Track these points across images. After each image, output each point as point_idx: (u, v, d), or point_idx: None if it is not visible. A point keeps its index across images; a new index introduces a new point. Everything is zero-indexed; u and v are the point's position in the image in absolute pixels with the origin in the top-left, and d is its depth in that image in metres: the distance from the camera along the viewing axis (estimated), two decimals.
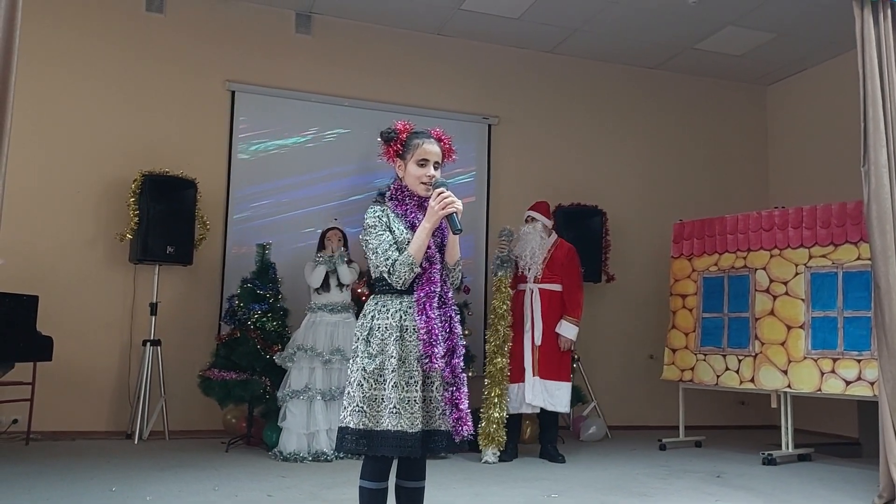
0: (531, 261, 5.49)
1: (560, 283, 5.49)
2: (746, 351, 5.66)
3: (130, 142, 6.05)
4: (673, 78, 7.78)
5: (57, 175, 5.90)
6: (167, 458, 4.93)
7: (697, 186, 7.62)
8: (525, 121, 7.22)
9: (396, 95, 6.77)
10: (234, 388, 5.22)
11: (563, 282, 5.51)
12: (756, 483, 4.61)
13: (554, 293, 5.48)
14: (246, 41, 6.48)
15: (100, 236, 5.94)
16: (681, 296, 6.26)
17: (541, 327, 5.39)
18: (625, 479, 4.64)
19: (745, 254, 5.85)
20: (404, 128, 2.66)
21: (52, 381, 5.49)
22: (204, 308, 6.10)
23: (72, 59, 6.03)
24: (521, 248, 5.53)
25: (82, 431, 5.68)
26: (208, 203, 6.11)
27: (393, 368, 2.43)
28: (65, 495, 3.81)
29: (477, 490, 4.23)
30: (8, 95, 2.74)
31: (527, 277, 5.49)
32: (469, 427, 2.46)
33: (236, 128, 6.40)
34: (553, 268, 5.49)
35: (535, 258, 5.49)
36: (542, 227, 5.62)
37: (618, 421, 6.85)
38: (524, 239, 5.55)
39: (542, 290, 5.46)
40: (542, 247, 5.53)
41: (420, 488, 2.63)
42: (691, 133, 7.78)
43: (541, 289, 5.46)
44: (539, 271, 5.47)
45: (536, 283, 5.47)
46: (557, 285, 5.49)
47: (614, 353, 7.10)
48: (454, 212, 2.49)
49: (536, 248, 5.51)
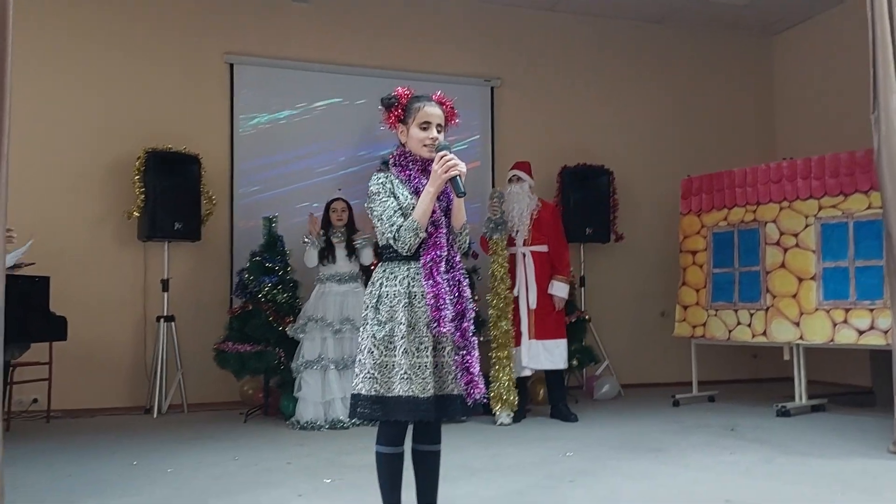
0: (519, 222, 5.42)
1: (546, 243, 5.46)
2: (758, 305, 5.65)
3: (132, 119, 6.02)
4: (677, 32, 7.65)
5: (61, 156, 5.89)
6: (186, 431, 5.00)
7: (705, 141, 7.55)
8: (528, 82, 7.14)
9: (397, 61, 6.70)
10: (249, 360, 5.26)
11: (550, 242, 5.48)
12: (770, 435, 4.63)
13: (542, 254, 5.46)
14: (243, 13, 6.41)
15: (108, 215, 5.96)
16: (691, 252, 6.24)
17: (535, 290, 5.38)
18: (639, 436, 4.67)
19: (754, 207, 5.80)
20: (404, 93, 2.63)
21: (69, 360, 5.55)
22: (215, 282, 6.13)
23: (70, 40, 5.98)
24: (508, 210, 5.41)
25: (101, 408, 5.77)
26: (213, 178, 6.10)
27: (402, 335, 2.44)
28: (87, 471, 3.87)
29: (493, 451, 4.27)
30: (6, 79, 2.70)
31: (514, 241, 5.43)
32: (481, 390, 2.48)
33: (237, 101, 6.36)
34: (540, 228, 5.45)
35: (523, 219, 5.42)
36: (529, 187, 5.57)
37: (631, 379, 6.88)
38: (511, 200, 5.45)
39: (534, 253, 5.44)
40: (530, 208, 5.48)
41: (436, 451, 2.66)
42: (697, 87, 7.67)
43: (532, 251, 5.44)
44: (528, 233, 5.43)
45: (526, 245, 5.43)
46: (544, 246, 5.46)
47: (625, 312, 7.11)
48: (457, 175, 2.47)
49: (525, 209, 5.45)
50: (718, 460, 3.95)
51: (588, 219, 6.73)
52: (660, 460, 3.96)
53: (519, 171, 5.58)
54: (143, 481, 3.62)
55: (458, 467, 3.82)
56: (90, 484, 3.59)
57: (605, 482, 3.51)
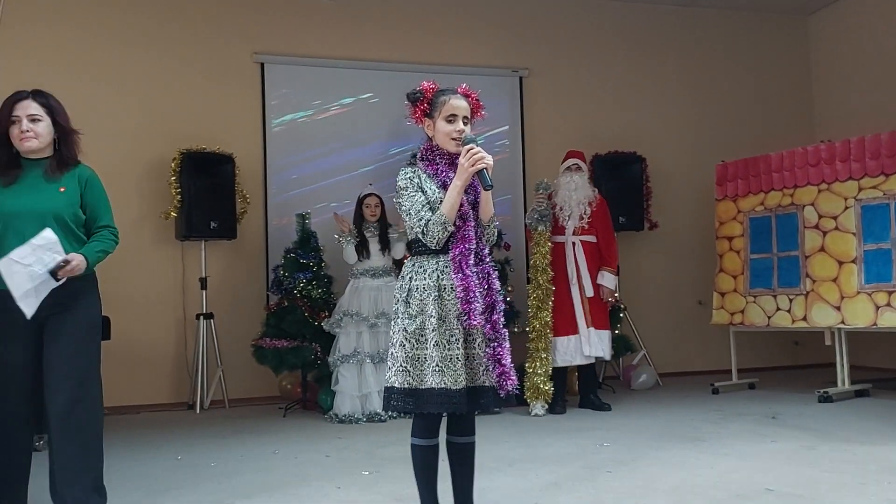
0: (576, 212, 5.37)
1: (595, 234, 5.42)
2: (797, 290, 5.55)
3: (167, 121, 6.12)
4: (708, 14, 7.52)
5: (99, 159, 5.90)
6: (228, 426, 5.10)
7: (740, 125, 7.41)
8: (557, 71, 7.09)
9: (424, 55, 6.70)
10: (287, 355, 5.34)
11: (599, 233, 5.44)
12: (812, 422, 4.56)
13: (592, 245, 5.43)
14: (271, 12, 6.47)
15: (146, 216, 6.07)
16: (727, 238, 6.15)
17: (589, 279, 5.35)
18: (677, 425, 4.64)
19: (791, 191, 5.70)
20: (430, 87, 2.64)
21: (113, 359, 5.63)
22: (251, 280, 6.23)
23: (104, 44, 6.09)
24: (565, 198, 5.39)
25: (146, 405, 5.90)
26: (247, 177, 6.19)
27: (433, 328, 2.46)
28: (134, 466, 3.98)
29: (529, 442, 4.28)
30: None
31: (564, 230, 5.41)
32: (513, 381, 2.48)
33: (268, 100, 6.43)
34: (592, 219, 5.41)
35: (582, 209, 5.38)
36: (588, 177, 5.53)
37: (669, 368, 6.82)
38: (570, 188, 5.39)
39: (584, 243, 5.40)
40: (588, 198, 5.42)
41: (471, 443, 2.68)
42: (730, 71, 7.54)
43: (582, 241, 5.40)
44: (583, 223, 5.39)
45: (577, 235, 5.40)
46: (593, 237, 5.43)
47: (661, 301, 7.04)
48: (484, 167, 2.48)
49: (584, 199, 5.40)
50: (759, 448, 3.91)
51: (621, 207, 6.64)
52: (699, 449, 3.93)
53: (578, 160, 5.53)
54: (187, 475, 3.71)
55: (494, 459, 3.84)
56: (137, 479, 3.69)
57: (642, 472, 3.49)
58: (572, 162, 5.54)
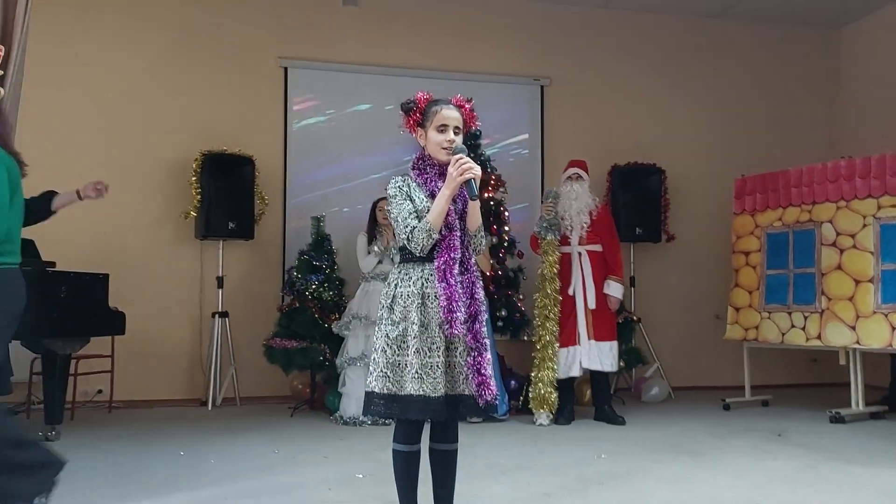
0: (577, 221, 5.36)
1: (599, 243, 5.40)
2: (813, 307, 5.47)
3: (191, 122, 6.26)
4: (735, 26, 7.45)
5: (123, 158, 6.17)
6: (236, 423, 5.19)
7: (763, 139, 7.32)
8: (578, 80, 7.08)
9: (446, 62, 6.75)
10: (296, 355, 5.41)
11: (604, 242, 5.42)
12: (819, 441, 4.49)
13: (597, 254, 5.39)
14: (296, 18, 6.57)
15: (167, 215, 6.21)
16: (744, 253, 6.08)
17: (593, 290, 5.32)
18: (681, 439, 4.60)
19: (809, 207, 5.61)
20: (423, 97, 2.68)
21: (130, 354, 5.83)
22: (267, 280, 6.32)
23: (131, 45, 6.26)
24: (566, 208, 5.36)
25: (160, 399, 6.03)
26: (266, 179, 6.29)
27: (415, 335, 2.49)
28: (138, 458, 4.08)
29: (527, 451, 4.29)
30: None
31: (569, 240, 5.39)
32: (492, 392, 2.50)
33: (290, 104, 6.54)
34: (595, 228, 5.39)
35: (582, 218, 5.36)
36: (589, 186, 5.52)
37: (682, 382, 6.76)
38: (571, 197, 5.37)
39: (589, 252, 5.38)
40: (589, 207, 5.41)
41: (453, 450, 2.70)
42: (756, 83, 7.45)
43: (588, 251, 5.38)
44: (584, 233, 5.38)
45: (582, 244, 5.38)
46: (598, 246, 5.40)
47: (677, 314, 6.98)
48: (472, 178, 2.50)
49: (584, 207, 5.38)
50: (758, 466, 3.86)
51: (638, 218, 6.64)
52: (697, 464, 3.90)
53: (579, 170, 5.51)
54: (186, 470, 3.79)
55: (490, 466, 3.86)
56: (138, 471, 3.78)
57: (634, 485, 3.48)
58: (573, 171, 5.52)
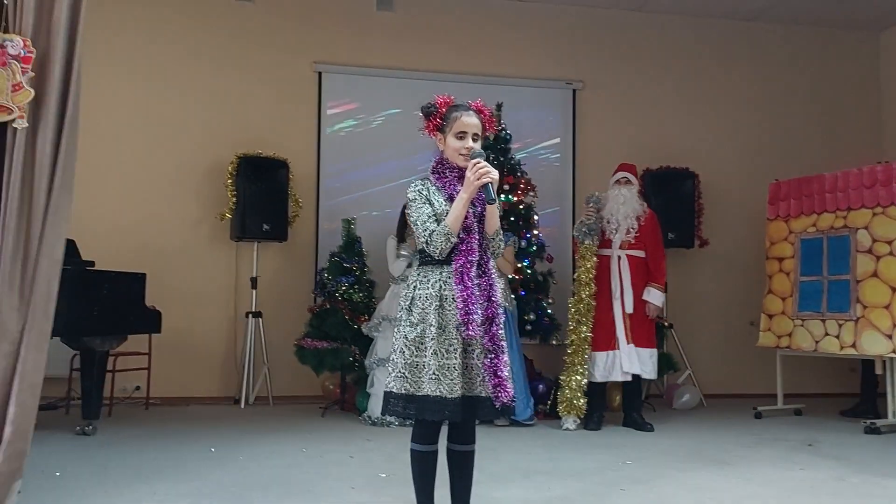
0: (623, 226, 5.31)
1: (643, 249, 5.37)
2: (847, 315, 5.36)
3: (227, 126, 6.41)
4: (771, 29, 7.35)
5: (161, 161, 6.35)
6: (267, 422, 5.29)
7: (800, 144, 7.21)
8: (610, 84, 7.06)
9: (479, 66, 6.80)
10: (326, 356, 5.50)
11: (648, 248, 5.38)
12: (851, 452, 4.41)
13: (639, 260, 5.36)
14: (330, 23, 6.69)
15: (203, 217, 6.36)
16: (777, 259, 5.99)
17: (631, 295, 5.29)
18: (708, 447, 4.55)
19: (845, 213, 5.52)
20: (444, 102, 2.72)
21: (167, 352, 5.98)
22: (299, 281, 6.43)
23: (171, 54, 6.43)
24: (612, 211, 5.32)
25: (195, 397, 6.17)
26: (300, 182, 6.41)
27: (433, 336, 2.53)
28: (171, 454, 4.18)
29: (553, 455, 4.29)
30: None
31: (611, 243, 5.36)
32: (508, 394, 2.53)
33: (324, 108, 6.64)
34: (641, 234, 5.34)
35: (629, 223, 5.32)
36: (638, 191, 5.48)
37: (715, 389, 6.68)
38: (619, 201, 5.32)
39: (630, 257, 5.36)
40: (637, 212, 5.36)
41: (470, 451, 2.72)
42: (793, 87, 7.34)
43: (628, 255, 5.36)
44: (631, 238, 5.34)
45: (623, 249, 5.35)
46: (641, 251, 5.37)
47: (709, 320, 6.90)
48: (489, 182, 2.54)
49: (631, 213, 5.34)
50: (785, 476, 3.81)
51: (671, 223, 6.55)
52: (722, 473, 3.86)
53: (629, 174, 5.47)
54: (215, 467, 3.88)
55: (513, 469, 3.88)
56: (170, 467, 3.88)
57: (656, 492, 3.46)
58: (622, 175, 5.47)
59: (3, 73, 2.86)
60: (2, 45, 2.85)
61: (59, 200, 2.89)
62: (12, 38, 2.86)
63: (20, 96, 2.91)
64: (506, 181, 5.83)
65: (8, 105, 2.86)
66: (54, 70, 2.92)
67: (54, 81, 2.92)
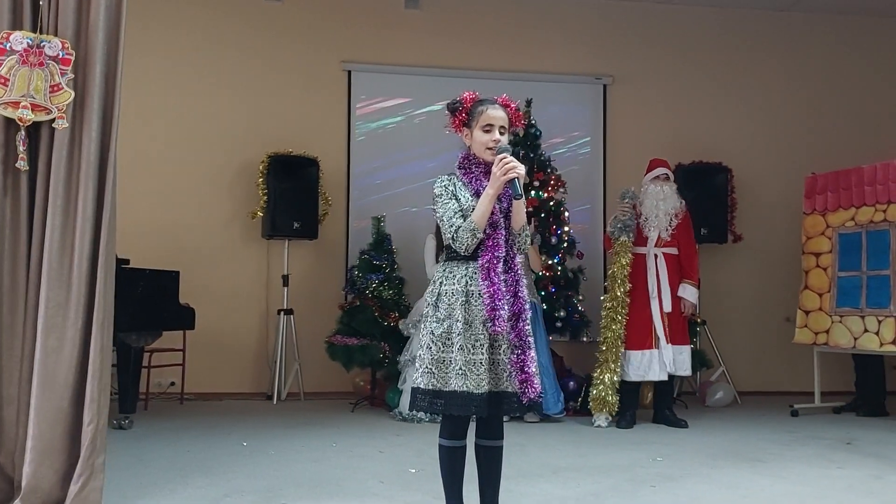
0: (660, 224, 5.21)
1: (676, 246, 5.30)
2: (887, 311, 5.24)
3: (257, 126, 6.48)
4: (806, 19, 7.20)
5: (196, 161, 6.44)
6: (298, 417, 5.34)
7: (837, 136, 7.05)
8: (641, 78, 6.99)
9: (507, 63, 6.78)
10: (356, 352, 5.54)
11: (681, 245, 5.31)
12: (891, 451, 4.31)
13: (673, 257, 5.29)
14: (358, 22, 6.72)
15: (236, 215, 6.45)
16: (814, 254, 5.87)
17: (669, 293, 5.21)
18: (742, 445, 4.49)
19: (884, 206, 5.38)
20: (469, 97, 2.72)
21: (201, 348, 6.07)
22: (330, 278, 6.48)
23: (201, 54, 6.52)
24: (652, 208, 5.23)
25: (229, 392, 6.26)
26: (330, 180, 6.45)
27: (459, 332, 2.53)
28: (203, 448, 4.25)
29: (582, 451, 4.27)
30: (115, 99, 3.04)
31: (646, 240, 5.28)
32: (535, 389, 2.51)
33: (353, 106, 6.68)
34: (675, 231, 5.27)
35: (668, 220, 5.22)
36: (677, 187, 5.41)
37: (750, 387, 6.58)
38: (657, 198, 5.23)
39: (666, 255, 5.27)
40: (675, 209, 5.27)
41: (498, 447, 2.71)
42: (828, 78, 7.18)
43: (664, 253, 5.28)
44: (665, 235, 5.26)
45: (659, 247, 5.26)
46: (675, 249, 5.30)
47: (744, 316, 6.79)
48: (515, 177, 2.52)
49: (671, 210, 5.24)
50: (822, 474, 3.74)
51: (704, 219, 6.46)
52: (756, 470, 3.80)
53: (668, 170, 5.41)
54: (247, 461, 3.93)
55: (542, 465, 3.87)
56: (203, 460, 3.94)
57: (688, 489, 3.42)
58: (661, 171, 5.38)
59: (41, 73, 2.92)
60: (39, 46, 2.91)
61: (112, 199, 2.95)
62: (50, 40, 2.92)
63: (59, 97, 2.97)
64: (536, 177, 5.81)
65: (46, 105, 2.92)
66: (95, 71, 2.97)
67: (95, 82, 2.97)
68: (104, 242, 2.92)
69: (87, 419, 2.83)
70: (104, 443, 2.89)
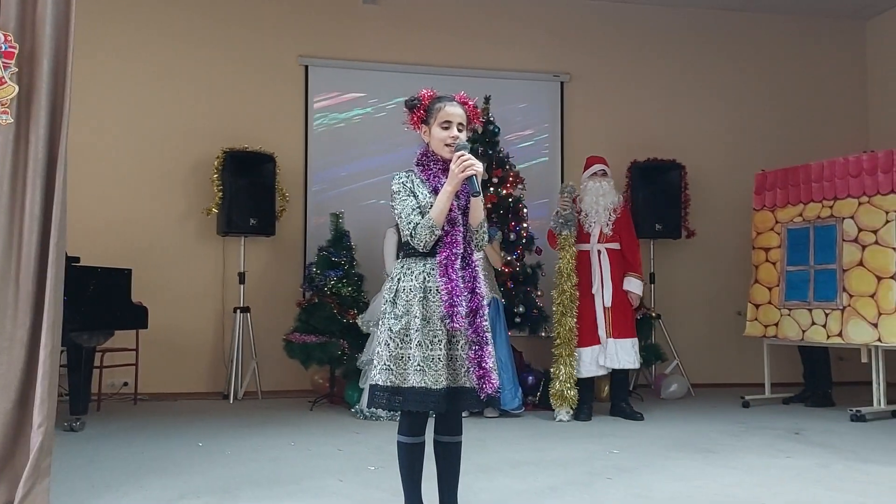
0: (600, 219, 5.33)
1: (618, 241, 5.38)
2: (834, 304, 5.40)
3: (212, 121, 6.38)
4: (758, 19, 7.37)
5: (146, 156, 6.32)
6: (256, 416, 5.28)
7: (786, 134, 7.24)
8: (598, 76, 7.07)
9: (465, 59, 6.79)
10: (314, 350, 5.50)
11: (623, 240, 5.40)
12: (838, 440, 4.45)
13: (616, 252, 5.38)
14: (316, 16, 6.66)
15: (190, 212, 6.34)
16: (764, 249, 6.03)
17: (610, 288, 5.30)
18: (695, 436, 4.58)
19: (831, 202, 5.55)
20: (427, 94, 2.72)
21: (154, 347, 5.96)
22: (287, 276, 6.42)
23: (155, 48, 6.40)
24: (592, 204, 5.35)
25: (183, 392, 6.16)
26: (287, 176, 6.39)
27: (417, 328, 2.53)
28: (158, 448, 4.18)
29: (541, 446, 4.31)
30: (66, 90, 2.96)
31: (588, 237, 5.37)
32: (493, 385, 2.53)
33: (311, 101, 6.62)
34: (615, 226, 5.37)
35: (608, 216, 5.34)
36: (614, 183, 5.50)
37: (703, 379, 6.72)
38: (598, 193, 5.35)
39: (609, 251, 5.36)
40: (614, 204, 5.39)
41: (457, 443, 2.73)
42: (778, 77, 7.37)
43: (607, 248, 5.36)
44: (607, 230, 5.36)
45: (602, 242, 5.36)
46: (617, 244, 5.39)
47: (697, 310, 6.94)
48: (474, 174, 2.53)
49: (611, 206, 5.37)
50: (770, 463, 3.84)
51: (658, 214, 6.61)
52: (707, 461, 3.89)
53: (605, 167, 5.50)
54: (203, 461, 3.87)
55: (500, 460, 3.89)
56: (157, 461, 3.87)
57: (642, 481, 3.48)
58: (599, 168, 5.50)
59: None
60: None
61: (62, 196, 2.87)
62: None
63: (3, 91, 2.88)
64: (494, 174, 5.84)
65: None
66: (43, 65, 2.89)
67: (43, 76, 2.89)
68: (54, 241, 2.85)
69: (38, 421, 2.76)
70: (52, 444, 2.82)
